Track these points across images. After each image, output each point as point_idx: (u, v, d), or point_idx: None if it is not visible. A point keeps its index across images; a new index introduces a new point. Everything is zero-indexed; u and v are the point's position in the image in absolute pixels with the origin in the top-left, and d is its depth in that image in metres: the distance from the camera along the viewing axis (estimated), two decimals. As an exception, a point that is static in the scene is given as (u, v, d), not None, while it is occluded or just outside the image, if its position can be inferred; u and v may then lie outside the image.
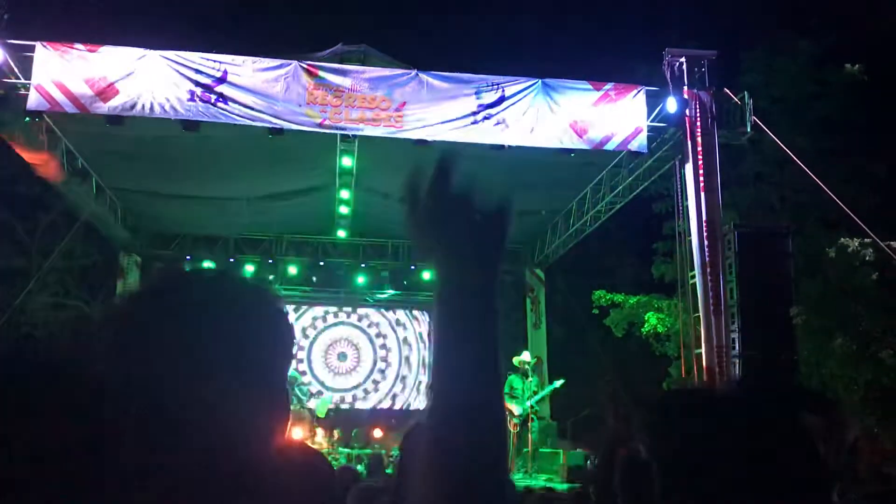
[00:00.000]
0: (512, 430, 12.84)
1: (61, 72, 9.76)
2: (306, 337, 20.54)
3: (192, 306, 1.02)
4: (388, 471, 8.92)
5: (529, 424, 12.65)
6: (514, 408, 12.62)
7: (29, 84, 9.77)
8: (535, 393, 12.89)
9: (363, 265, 18.18)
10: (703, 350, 10.65)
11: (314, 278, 18.30)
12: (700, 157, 10.91)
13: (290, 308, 20.48)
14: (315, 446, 14.80)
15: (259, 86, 10.10)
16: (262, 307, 1.07)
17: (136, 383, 0.95)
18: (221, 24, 24.90)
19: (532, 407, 12.72)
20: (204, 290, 1.06)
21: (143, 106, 9.81)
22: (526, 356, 13.38)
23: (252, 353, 1.02)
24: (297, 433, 14.80)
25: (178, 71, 9.97)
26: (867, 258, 13.69)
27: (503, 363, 1.03)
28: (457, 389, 0.96)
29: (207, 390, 0.96)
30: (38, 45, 9.83)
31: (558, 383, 13.22)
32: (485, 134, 10.48)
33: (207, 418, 0.96)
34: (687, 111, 11.04)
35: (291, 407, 15.42)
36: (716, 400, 1.24)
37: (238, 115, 10.00)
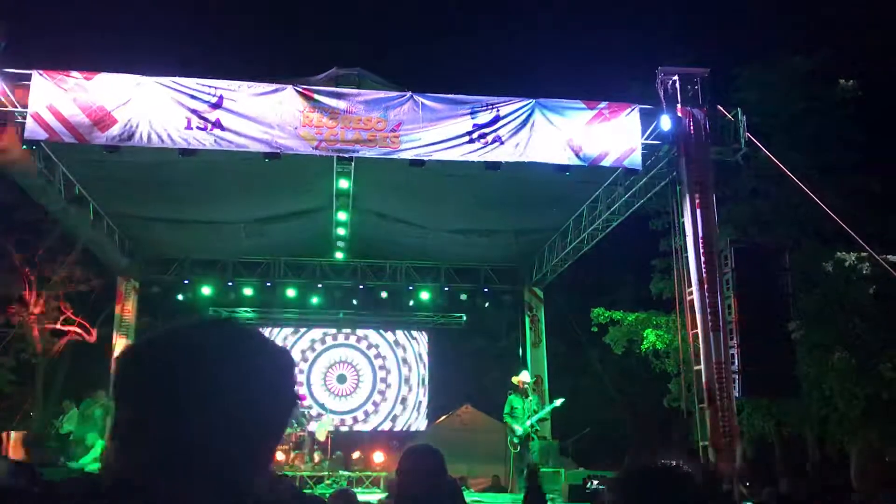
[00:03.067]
0: (512, 450, 12.79)
1: (58, 100, 9.80)
2: (305, 360, 20.51)
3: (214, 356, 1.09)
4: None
5: (529, 444, 12.59)
6: (516, 427, 12.58)
7: (26, 112, 9.81)
8: (536, 412, 12.84)
9: (361, 286, 18.16)
10: (702, 367, 10.63)
11: (312, 300, 18.29)
12: (695, 173, 10.96)
13: (288, 331, 20.59)
14: (315, 469, 14.74)
15: (255, 110, 10.14)
16: (274, 359, 1.15)
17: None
18: (217, 50, 25.06)
19: (532, 426, 12.68)
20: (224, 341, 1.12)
21: (141, 135, 9.85)
22: (525, 376, 13.36)
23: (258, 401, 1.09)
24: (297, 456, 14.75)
25: (174, 98, 10.02)
26: (864, 272, 13.74)
27: None
28: None
29: (217, 430, 1.04)
30: (34, 73, 9.88)
31: (558, 402, 13.19)
32: (480, 153, 10.53)
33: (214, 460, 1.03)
34: (681, 128, 11.10)
35: (290, 430, 15.23)
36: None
37: (234, 143, 10.03)
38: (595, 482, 12.38)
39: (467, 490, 13.64)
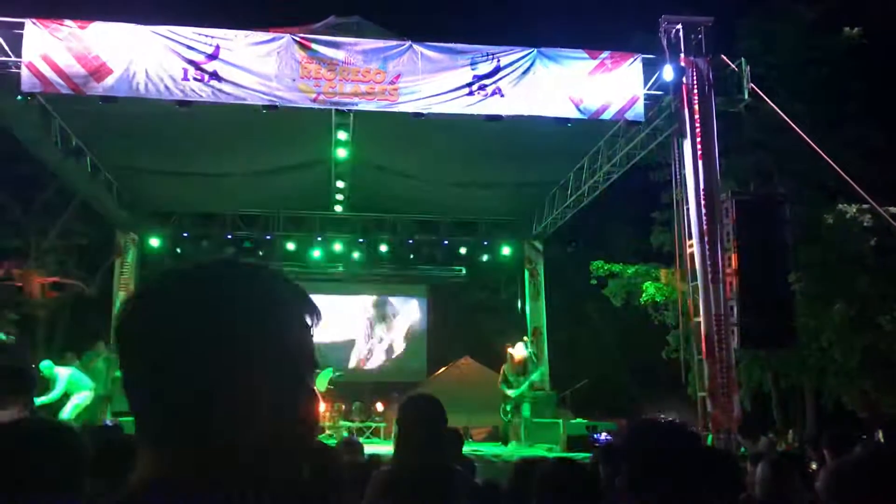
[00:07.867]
0: (503, 417, 13.07)
1: (52, 50, 9.65)
2: (306, 312, 20.56)
3: (230, 298, 0.97)
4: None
5: (520, 410, 12.89)
6: (509, 393, 12.81)
7: (20, 62, 9.66)
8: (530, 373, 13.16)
9: (361, 240, 18.13)
10: (701, 319, 10.66)
11: (312, 254, 18.27)
12: (697, 124, 10.85)
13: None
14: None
15: (252, 61, 10.00)
16: (294, 301, 1.03)
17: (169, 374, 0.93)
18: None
19: (523, 395, 12.94)
20: (241, 282, 1.01)
21: (138, 86, 9.72)
22: (520, 349, 13.45)
23: (284, 347, 0.98)
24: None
25: (170, 48, 9.87)
26: (865, 224, 13.70)
27: None
28: None
29: (242, 380, 0.93)
30: (27, 22, 9.71)
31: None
32: (480, 105, 10.41)
33: (242, 407, 0.94)
34: (684, 79, 10.96)
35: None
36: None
37: (232, 95, 9.91)
38: (604, 434, 12.40)
39: (468, 441, 13.82)
